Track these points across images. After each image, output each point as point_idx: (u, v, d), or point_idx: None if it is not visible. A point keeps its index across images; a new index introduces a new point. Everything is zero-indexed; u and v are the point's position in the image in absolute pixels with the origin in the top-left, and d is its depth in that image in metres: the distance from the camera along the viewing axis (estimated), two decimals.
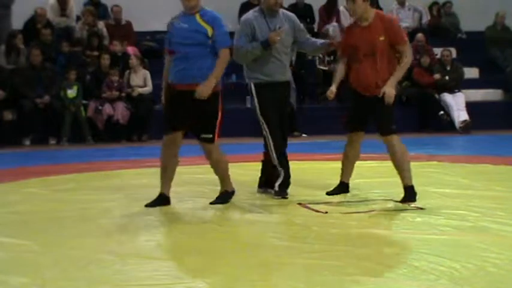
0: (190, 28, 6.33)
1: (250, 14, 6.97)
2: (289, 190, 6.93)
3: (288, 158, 6.99)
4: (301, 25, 7.13)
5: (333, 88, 6.71)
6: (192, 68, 6.28)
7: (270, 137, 6.78)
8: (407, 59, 6.54)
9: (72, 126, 12.41)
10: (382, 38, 6.44)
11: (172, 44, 6.41)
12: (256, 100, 6.85)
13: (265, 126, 6.81)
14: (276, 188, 6.86)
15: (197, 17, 6.35)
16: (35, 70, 12.41)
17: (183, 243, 5.13)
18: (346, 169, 6.92)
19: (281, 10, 6.99)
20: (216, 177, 6.65)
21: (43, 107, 12.20)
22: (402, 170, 6.52)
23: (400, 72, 6.53)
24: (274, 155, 6.80)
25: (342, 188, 6.95)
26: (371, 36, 6.46)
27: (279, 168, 6.82)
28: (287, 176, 6.88)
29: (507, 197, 6.81)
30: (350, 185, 6.96)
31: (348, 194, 6.91)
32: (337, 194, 6.88)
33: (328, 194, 6.89)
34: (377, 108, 6.46)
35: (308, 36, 7.17)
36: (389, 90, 6.40)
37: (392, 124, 6.52)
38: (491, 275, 4.27)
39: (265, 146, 6.91)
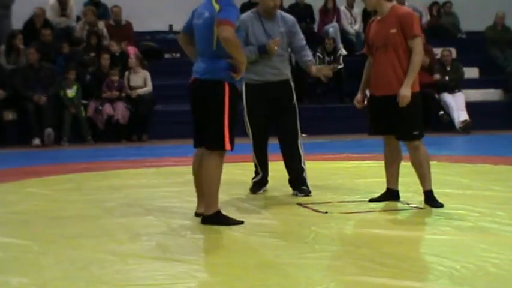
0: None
1: (245, 15, 6.91)
2: (288, 190, 6.97)
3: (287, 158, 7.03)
4: (297, 29, 6.94)
5: (358, 96, 6.41)
6: None
7: (251, 139, 7.03)
8: (417, 56, 6.13)
9: (72, 126, 12.41)
10: (393, 31, 6.08)
11: None
12: (244, 101, 6.96)
13: (248, 128, 7.01)
14: (251, 184, 7.11)
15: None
16: (33, 69, 12.38)
17: (183, 243, 5.13)
18: (388, 174, 6.47)
19: (279, 12, 6.90)
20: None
21: (40, 104, 12.12)
22: (423, 175, 6.22)
23: (412, 72, 6.12)
24: (254, 156, 7.07)
25: (388, 195, 6.48)
26: (383, 29, 6.13)
27: (258, 169, 7.08)
28: (264, 176, 7.08)
29: (507, 197, 6.81)
30: (350, 185, 6.91)
31: (348, 194, 6.91)
32: (381, 201, 6.42)
33: (370, 200, 6.47)
34: (397, 110, 6.09)
35: (303, 43, 6.88)
36: (402, 91, 6.05)
37: (414, 129, 6.18)
38: (491, 275, 4.26)
39: (289, 146, 6.93)
